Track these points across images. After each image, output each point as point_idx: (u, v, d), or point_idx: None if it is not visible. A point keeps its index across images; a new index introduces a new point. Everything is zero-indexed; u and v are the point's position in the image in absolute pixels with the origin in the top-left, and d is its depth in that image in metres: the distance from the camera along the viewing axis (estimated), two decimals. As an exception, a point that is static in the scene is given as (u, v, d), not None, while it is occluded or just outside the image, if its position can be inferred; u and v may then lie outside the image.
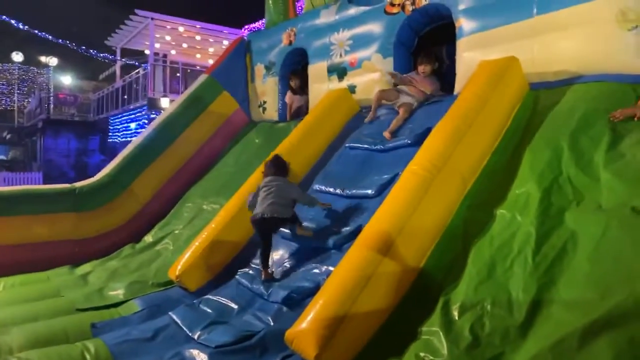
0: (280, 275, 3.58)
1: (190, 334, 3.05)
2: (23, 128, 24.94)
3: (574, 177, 2.75)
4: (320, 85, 5.73)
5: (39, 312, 3.57)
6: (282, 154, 4.81)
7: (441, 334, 2.35)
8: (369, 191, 3.80)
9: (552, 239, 2.50)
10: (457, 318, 2.41)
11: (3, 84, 25.92)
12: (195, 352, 2.80)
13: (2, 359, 2.70)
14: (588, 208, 2.54)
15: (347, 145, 4.71)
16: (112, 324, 3.38)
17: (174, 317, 3.35)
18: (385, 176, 3.84)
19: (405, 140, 4.10)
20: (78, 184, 5.67)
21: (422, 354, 2.33)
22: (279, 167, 3.94)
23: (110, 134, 19.44)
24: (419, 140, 3.77)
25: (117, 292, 4.03)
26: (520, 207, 2.79)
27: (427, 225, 2.93)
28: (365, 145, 4.50)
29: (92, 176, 6.00)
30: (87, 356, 2.82)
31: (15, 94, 25.92)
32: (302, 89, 6.31)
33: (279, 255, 3.79)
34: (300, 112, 6.20)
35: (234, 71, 6.99)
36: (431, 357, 2.29)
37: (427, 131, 3.73)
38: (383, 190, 3.70)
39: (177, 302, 3.72)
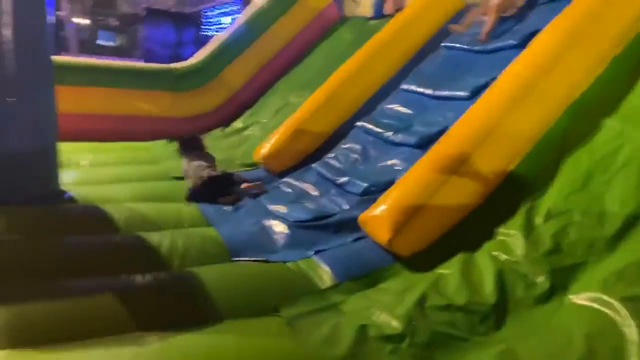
0: (360, 168, 3.63)
1: (270, 208, 3.25)
2: (128, 15, 26.04)
3: None
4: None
5: (141, 175, 3.98)
6: (369, 52, 4.61)
7: (520, 236, 2.30)
8: (462, 93, 3.60)
9: (667, 156, 2.26)
10: (539, 223, 2.32)
11: (108, -30, 26.72)
12: (274, 222, 3.00)
13: (117, 204, 3.08)
14: None
15: (443, 44, 4.42)
16: (202, 192, 3.67)
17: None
18: (482, 79, 3.58)
19: (510, 41, 3.75)
20: (175, 65, 5.96)
21: (495, 253, 2.31)
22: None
23: (203, 27, 19.76)
24: (525, 42, 3.43)
25: (209, 166, 4.34)
26: (636, 120, 2.50)
27: (522, 129, 2.73)
28: (464, 46, 4.20)
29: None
30: (184, 214, 3.14)
31: (120, -19, 26.75)
32: None
33: (360, 147, 3.80)
34: (402, 7, 5.81)
35: (328, -41, 6.64)
36: (505, 257, 2.26)
37: (536, 33, 3.37)
38: (478, 92, 3.47)
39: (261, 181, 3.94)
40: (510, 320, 2.00)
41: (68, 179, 3.54)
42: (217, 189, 3.47)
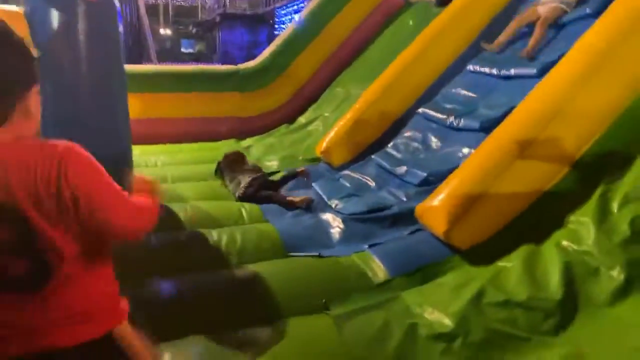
0: (421, 157, 3.50)
1: (328, 202, 3.24)
2: (204, 22, 27.37)
3: None
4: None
5: (208, 174, 4.12)
6: (430, 36, 4.36)
7: (592, 224, 2.07)
8: (530, 70, 3.33)
9: None
10: (615, 210, 2.08)
11: (186, -18, 28.20)
12: (330, 216, 2.99)
13: (183, 203, 3.24)
14: None
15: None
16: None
17: (316, 187, 3.58)
18: (555, 54, 3.28)
19: (587, 11, 3.40)
20: (241, 66, 6.12)
21: (564, 243, 2.11)
22: None
23: (276, 25, 20.21)
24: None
25: (272, 163, 4.47)
26: None
27: (596, 107, 2.46)
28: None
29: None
30: (244, 212, 3.22)
31: (198, -10, 28.13)
32: None
33: (420, 135, 3.66)
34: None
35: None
36: (575, 247, 2.05)
37: None
38: (547, 69, 3.18)
39: (321, 175, 3.95)
40: (579, 319, 1.81)
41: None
42: (262, 197, 3.45)
